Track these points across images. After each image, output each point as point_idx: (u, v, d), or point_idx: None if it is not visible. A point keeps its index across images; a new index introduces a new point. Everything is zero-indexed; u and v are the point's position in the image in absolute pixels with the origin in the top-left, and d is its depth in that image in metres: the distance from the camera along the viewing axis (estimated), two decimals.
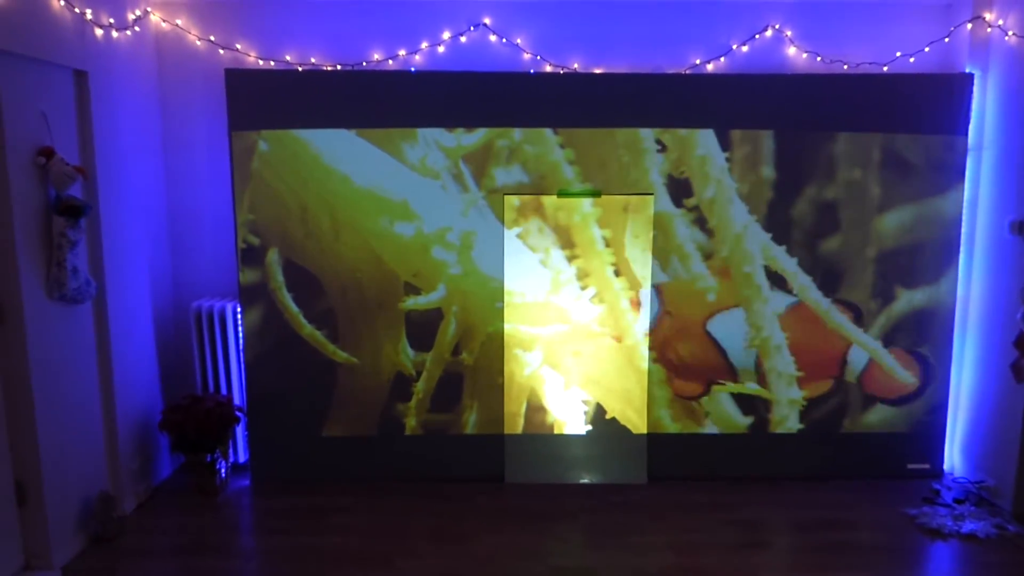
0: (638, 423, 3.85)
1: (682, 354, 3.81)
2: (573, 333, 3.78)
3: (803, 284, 3.79)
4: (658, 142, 3.65)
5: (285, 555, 3.15)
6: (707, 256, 3.76)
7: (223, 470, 3.74)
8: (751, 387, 3.84)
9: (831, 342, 3.82)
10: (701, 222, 3.73)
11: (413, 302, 3.72)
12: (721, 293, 3.77)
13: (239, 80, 3.57)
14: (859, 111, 3.67)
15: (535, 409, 3.85)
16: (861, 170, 3.71)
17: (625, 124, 3.63)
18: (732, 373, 3.81)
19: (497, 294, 3.73)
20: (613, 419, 3.85)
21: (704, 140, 3.65)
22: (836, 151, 3.70)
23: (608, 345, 3.79)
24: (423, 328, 3.74)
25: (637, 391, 3.83)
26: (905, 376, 3.86)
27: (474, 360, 3.79)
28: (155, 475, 3.78)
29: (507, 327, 3.75)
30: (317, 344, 3.74)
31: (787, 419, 3.88)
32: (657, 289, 3.74)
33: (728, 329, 3.78)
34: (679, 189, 3.70)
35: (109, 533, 3.23)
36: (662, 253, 3.75)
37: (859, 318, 3.82)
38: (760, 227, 3.73)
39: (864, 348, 3.84)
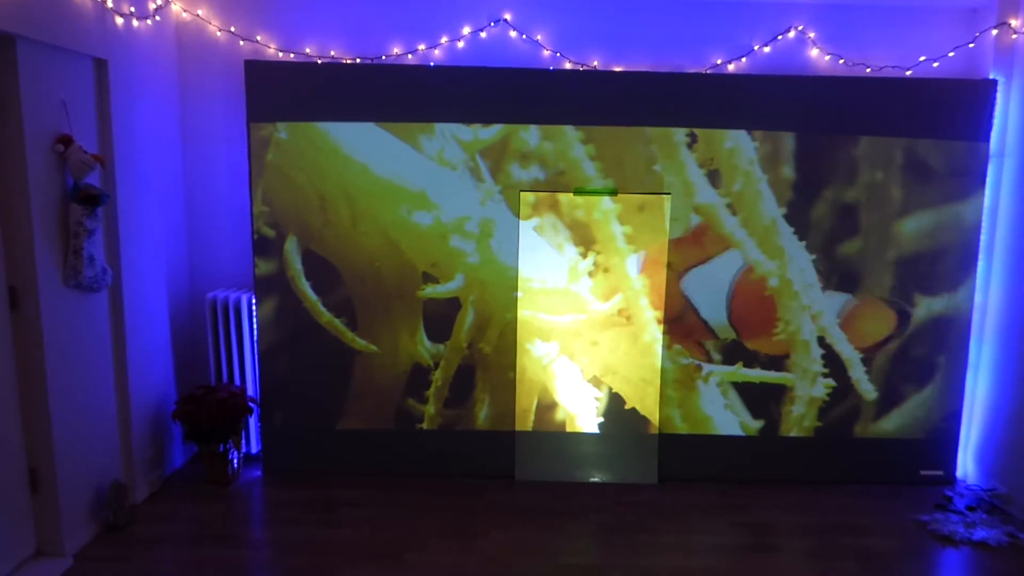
0: (655, 415, 3.84)
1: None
2: (590, 322, 3.77)
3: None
4: (689, 135, 3.63)
5: (295, 546, 3.16)
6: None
7: (235, 460, 3.75)
8: (745, 372, 3.81)
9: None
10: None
11: (431, 291, 3.72)
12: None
13: (259, 72, 3.56)
14: (881, 115, 3.64)
15: (546, 406, 3.85)
16: (882, 173, 3.69)
17: (645, 123, 3.61)
18: (709, 331, 3.77)
19: (515, 283, 3.73)
20: (626, 416, 3.84)
21: (734, 134, 3.65)
22: (857, 154, 3.67)
23: (626, 334, 3.77)
24: (441, 318, 3.74)
25: (653, 380, 3.82)
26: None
27: (492, 349, 3.78)
28: (168, 465, 3.80)
29: (525, 313, 3.73)
30: (336, 332, 3.75)
31: (800, 422, 3.87)
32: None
33: (700, 286, 3.74)
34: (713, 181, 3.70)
35: (121, 521, 3.24)
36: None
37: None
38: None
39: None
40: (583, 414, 3.86)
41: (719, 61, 3.78)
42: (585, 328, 3.77)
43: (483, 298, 3.74)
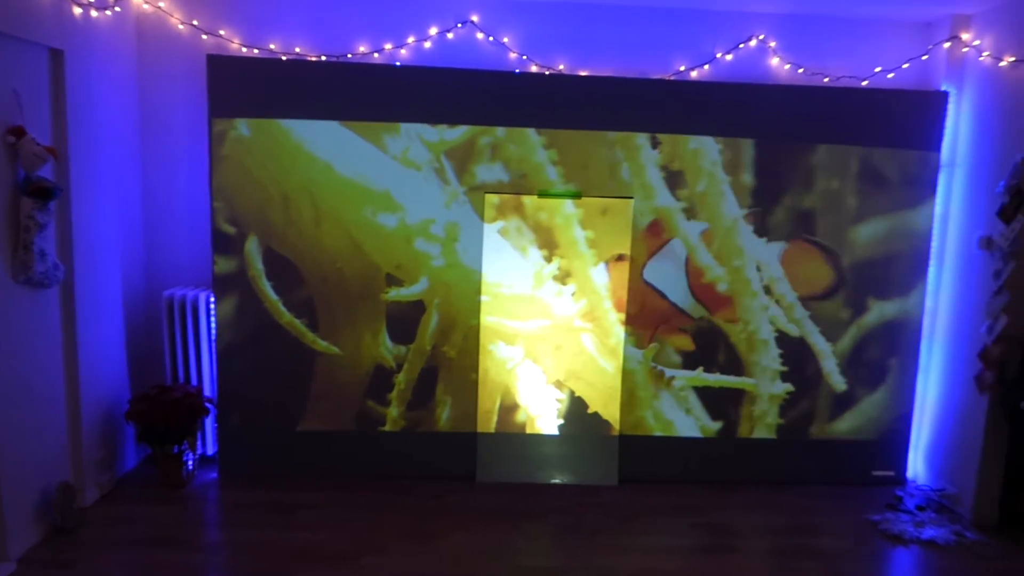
0: (616, 418, 3.86)
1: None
2: (555, 327, 3.78)
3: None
4: (652, 138, 3.67)
5: (251, 549, 3.10)
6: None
7: (190, 462, 3.67)
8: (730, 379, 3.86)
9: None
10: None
11: (395, 293, 3.69)
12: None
13: (221, 67, 3.51)
14: (838, 123, 3.73)
15: (509, 408, 3.84)
16: (838, 181, 3.77)
17: (608, 127, 3.64)
18: (684, 315, 3.81)
19: (480, 287, 3.72)
20: (587, 419, 3.85)
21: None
22: (815, 161, 3.75)
23: (590, 339, 3.80)
24: (404, 320, 3.72)
25: (616, 384, 3.84)
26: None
27: (457, 353, 3.77)
28: (120, 466, 3.70)
29: (490, 320, 3.73)
30: (297, 333, 3.70)
31: (757, 423, 3.93)
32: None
33: (661, 273, 3.78)
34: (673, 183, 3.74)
35: (69, 524, 3.15)
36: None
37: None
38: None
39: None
40: (545, 416, 3.86)
41: (682, 68, 3.83)
42: (550, 333, 3.78)
43: (448, 302, 3.72)
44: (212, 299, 3.68)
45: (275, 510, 3.42)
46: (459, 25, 3.72)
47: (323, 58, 3.69)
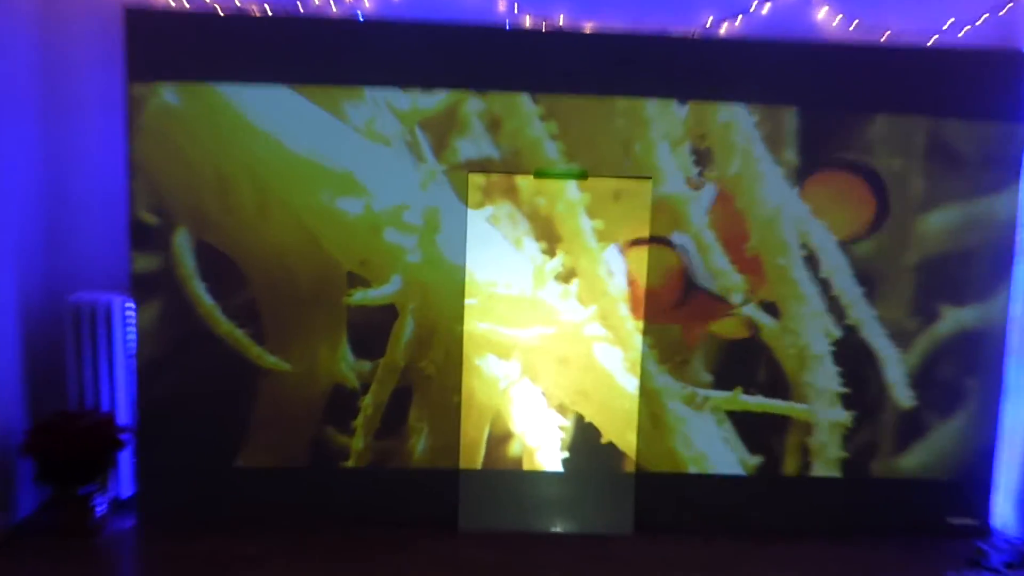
0: (633, 448, 3.32)
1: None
2: (559, 337, 3.25)
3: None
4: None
5: None
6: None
7: (101, 506, 3.19)
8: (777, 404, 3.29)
9: None
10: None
11: (360, 296, 3.18)
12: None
13: (143, 21, 3.07)
14: (901, 89, 3.22)
15: (500, 438, 3.30)
16: (901, 159, 3.25)
17: (618, 93, 3.16)
18: (720, 301, 3.27)
19: (466, 287, 3.22)
20: (600, 449, 3.29)
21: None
22: (872, 135, 3.23)
23: (602, 351, 3.25)
24: (371, 330, 3.23)
25: (633, 407, 3.30)
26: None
27: (437, 370, 3.27)
28: (13, 512, 3.20)
29: (481, 327, 3.23)
30: (237, 346, 3.20)
31: (813, 458, 3.35)
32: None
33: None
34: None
35: None
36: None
37: None
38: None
39: None
40: (545, 448, 3.32)
41: (709, 22, 3.30)
42: (553, 343, 3.25)
43: (426, 306, 3.21)
44: (130, 305, 3.21)
45: (207, 565, 2.97)
46: None
47: (268, 10, 3.18)
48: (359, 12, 3.22)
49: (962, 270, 3.31)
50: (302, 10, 3.19)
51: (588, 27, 3.26)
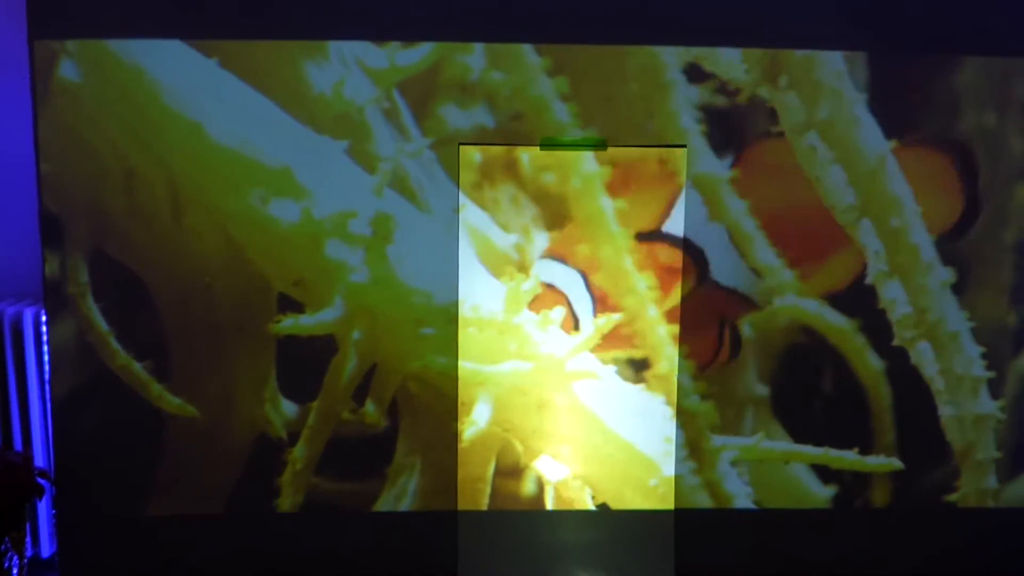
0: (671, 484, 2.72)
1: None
2: (542, 372, 2.65)
3: None
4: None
5: None
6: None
7: (15, 568, 2.61)
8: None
9: None
10: None
11: (292, 323, 2.60)
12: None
13: None
14: (993, 26, 2.66)
15: (507, 471, 2.74)
16: (995, 113, 2.67)
17: (637, 40, 2.59)
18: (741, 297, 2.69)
19: (423, 312, 2.62)
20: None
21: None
22: (959, 83, 2.65)
23: (627, 372, 2.65)
24: (305, 365, 2.65)
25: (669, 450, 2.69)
26: None
27: (383, 418, 2.65)
28: None
29: (466, 365, 2.64)
30: (135, 383, 2.59)
31: (885, 485, 2.74)
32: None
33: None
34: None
35: None
36: None
37: None
38: None
39: None
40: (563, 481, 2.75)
41: None
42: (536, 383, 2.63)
43: (373, 336, 2.63)
44: (43, 318, 2.62)
45: None
46: None
47: None
48: None
49: None
50: None
51: None
